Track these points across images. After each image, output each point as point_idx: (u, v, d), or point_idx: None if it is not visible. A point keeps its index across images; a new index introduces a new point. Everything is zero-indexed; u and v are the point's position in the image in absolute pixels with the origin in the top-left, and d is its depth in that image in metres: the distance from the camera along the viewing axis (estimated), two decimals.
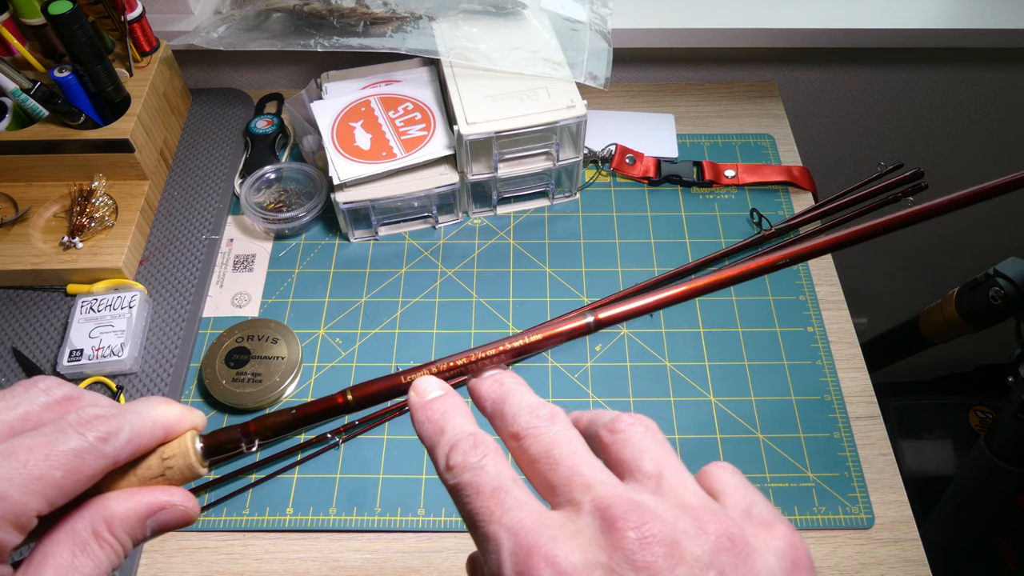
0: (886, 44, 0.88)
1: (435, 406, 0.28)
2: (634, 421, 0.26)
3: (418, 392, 0.28)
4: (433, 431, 0.27)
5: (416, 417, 0.28)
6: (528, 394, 0.27)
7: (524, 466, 0.26)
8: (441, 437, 0.26)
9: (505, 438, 0.27)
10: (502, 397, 0.27)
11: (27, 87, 0.68)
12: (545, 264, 0.76)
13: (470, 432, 0.26)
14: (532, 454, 0.25)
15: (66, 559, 0.24)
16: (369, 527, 0.61)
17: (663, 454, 0.25)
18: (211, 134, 0.86)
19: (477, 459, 0.25)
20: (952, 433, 1.30)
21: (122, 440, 0.26)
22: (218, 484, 0.63)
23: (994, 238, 1.27)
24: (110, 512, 0.25)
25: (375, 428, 0.66)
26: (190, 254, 0.76)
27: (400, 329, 0.72)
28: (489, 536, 0.23)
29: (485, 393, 0.28)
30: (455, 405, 0.28)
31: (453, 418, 0.27)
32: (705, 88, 0.93)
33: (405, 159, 0.73)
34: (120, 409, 0.27)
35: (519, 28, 0.78)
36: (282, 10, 0.78)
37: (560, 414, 0.26)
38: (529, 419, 0.26)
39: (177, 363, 0.69)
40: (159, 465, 0.27)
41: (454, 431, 0.26)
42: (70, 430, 0.25)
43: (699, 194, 0.82)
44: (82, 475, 0.25)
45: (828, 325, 0.72)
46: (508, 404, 0.27)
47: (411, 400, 0.28)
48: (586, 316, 0.30)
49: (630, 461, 0.25)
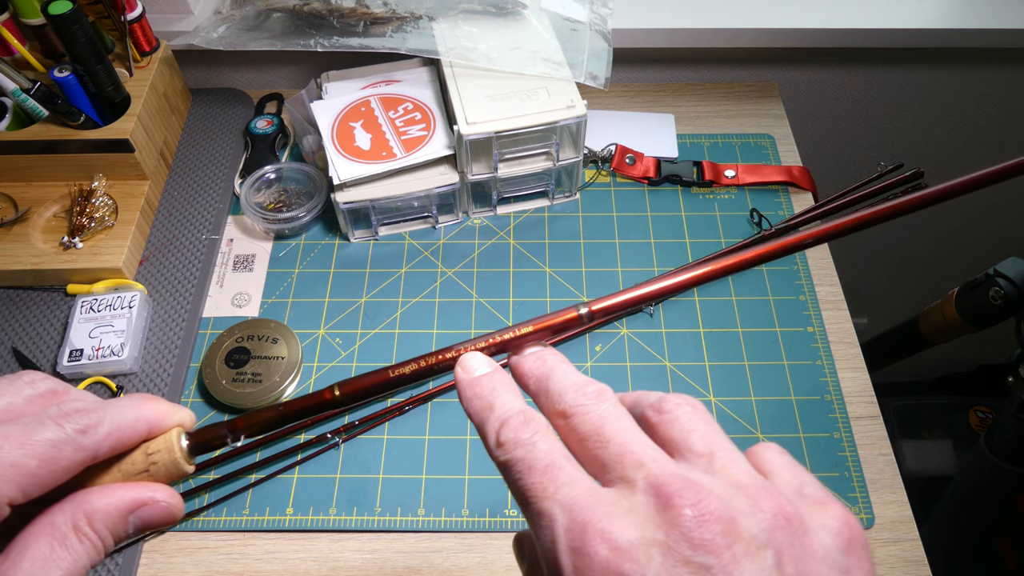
0: (886, 44, 0.88)
1: (483, 383, 0.27)
2: (681, 401, 0.26)
3: (465, 368, 0.28)
4: (482, 407, 0.26)
5: (464, 393, 0.27)
6: (572, 371, 0.27)
7: (573, 444, 0.25)
8: (491, 413, 0.26)
9: (551, 416, 0.26)
10: (546, 374, 0.27)
11: (27, 87, 0.68)
12: (545, 264, 0.76)
13: (520, 409, 0.26)
14: (581, 432, 0.25)
15: (44, 552, 0.24)
16: (369, 527, 0.61)
17: (712, 433, 0.25)
18: (211, 134, 0.86)
19: (528, 435, 0.24)
20: (952, 433, 1.30)
21: (102, 433, 0.25)
22: (218, 484, 0.63)
23: (994, 238, 1.27)
24: (91, 506, 0.25)
25: (375, 428, 0.66)
26: (190, 254, 0.76)
27: (400, 329, 0.72)
28: (543, 512, 0.23)
29: (528, 370, 0.28)
30: (503, 382, 0.27)
31: (502, 395, 0.27)
32: (705, 88, 0.93)
33: (405, 159, 0.73)
34: (103, 404, 0.26)
35: (519, 28, 0.78)
36: (282, 10, 0.78)
37: (607, 391, 0.26)
38: (576, 397, 0.25)
39: (177, 363, 0.69)
40: (143, 461, 0.27)
41: (504, 407, 0.26)
42: (48, 421, 0.25)
43: (699, 194, 0.82)
44: (58, 466, 0.24)
45: (828, 325, 0.72)
46: (553, 381, 0.27)
47: (458, 376, 0.28)
48: (580, 308, 0.30)
49: (679, 441, 0.25)
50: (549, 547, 0.22)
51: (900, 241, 1.29)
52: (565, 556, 0.21)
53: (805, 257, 0.77)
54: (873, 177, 0.75)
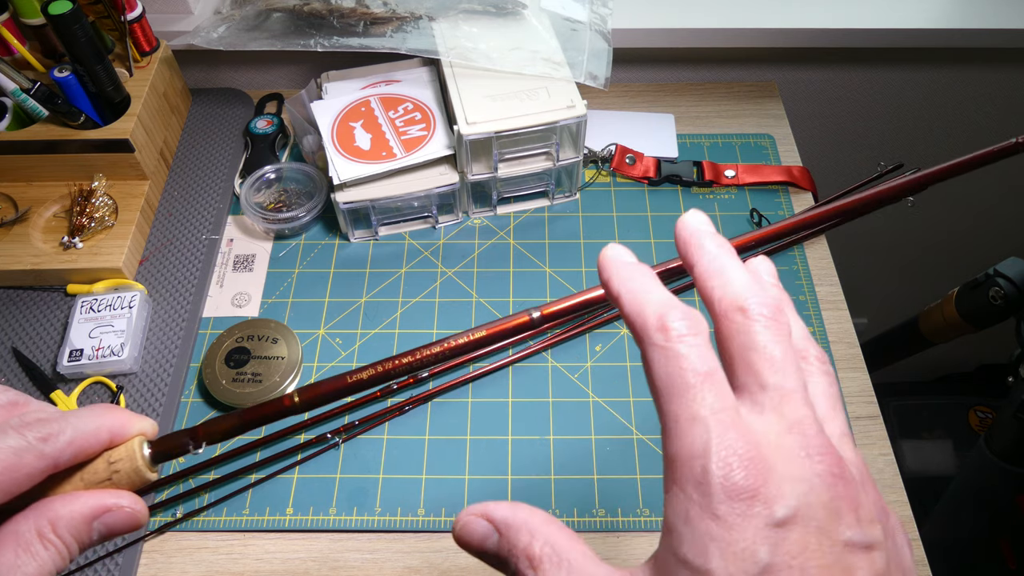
0: (886, 44, 0.88)
1: (638, 268, 0.26)
2: (822, 359, 0.27)
3: (614, 250, 0.28)
4: (640, 288, 0.25)
5: (617, 272, 0.26)
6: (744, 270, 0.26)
7: (733, 343, 0.25)
8: (650, 295, 0.25)
9: (725, 306, 0.25)
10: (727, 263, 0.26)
11: (27, 87, 0.68)
12: (545, 264, 0.76)
13: (683, 305, 0.25)
14: (756, 340, 0.24)
15: (9, 559, 0.24)
16: (369, 527, 0.61)
17: (835, 405, 0.26)
18: (211, 134, 0.86)
19: (693, 333, 0.24)
20: (952, 433, 1.30)
21: (63, 441, 0.26)
22: (218, 484, 0.63)
23: (994, 238, 1.27)
24: (54, 513, 0.26)
25: (375, 428, 0.66)
26: (190, 254, 0.76)
27: (400, 329, 0.72)
28: (699, 418, 0.23)
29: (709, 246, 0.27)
30: (655, 277, 0.26)
31: (658, 286, 0.26)
32: (705, 88, 0.93)
33: (405, 159, 0.73)
34: (65, 414, 0.27)
35: (519, 28, 0.78)
36: (282, 10, 0.78)
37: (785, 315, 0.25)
38: (761, 304, 0.25)
39: (177, 363, 0.69)
40: (106, 469, 0.28)
41: (664, 294, 0.25)
42: (10, 430, 0.25)
43: (699, 194, 0.82)
44: (20, 473, 0.25)
45: (828, 325, 0.72)
46: (735, 272, 0.26)
47: (607, 258, 0.27)
48: (532, 312, 0.31)
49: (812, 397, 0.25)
50: (699, 452, 0.22)
51: (900, 241, 1.29)
52: (717, 467, 0.22)
53: (805, 257, 0.77)
54: (873, 177, 0.75)
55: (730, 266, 0.26)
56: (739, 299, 0.25)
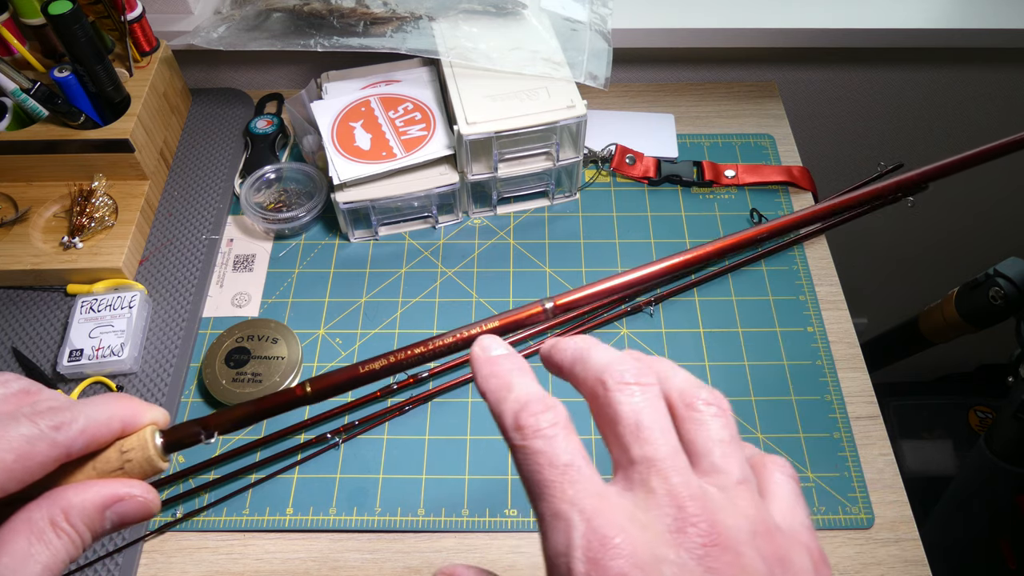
0: (886, 44, 0.88)
1: (501, 362, 0.27)
2: (712, 402, 0.26)
3: (482, 347, 0.28)
4: (499, 386, 0.26)
5: (481, 371, 0.27)
6: (614, 349, 0.27)
7: (603, 420, 0.25)
8: (509, 394, 0.25)
9: (589, 383, 0.26)
10: (588, 347, 0.27)
11: (27, 87, 0.68)
12: (545, 264, 0.76)
13: (541, 395, 0.25)
14: (618, 412, 0.24)
15: (22, 547, 0.24)
16: (369, 527, 0.61)
17: (734, 449, 0.25)
18: (211, 134, 0.86)
19: (549, 425, 0.24)
20: (952, 433, 1.30)
21: (75, 430, 0.26)
22: (218, 484, 0.63)
23: (994, 238, 1.27)
24: (68, 502, 0.26)
25: (375, 428, 0.66)
26: (190, 254, 0.76)
27: (400, 329, 0.72)
28: (559, 514, 0.23)
29: (566, 344, 0.27)
30: (522, 366, 0.27)
31: (521, 377, 0.26)
32: (705, 88, 0.93)
33: (405, 159, 0.73)
34: (77, 403, 0.27)
35: (519, 28, 0.78)
36: (282, 10, 0.78)
37: (653, 376, 0.25)
38: (622, 372, 0.25)
39: (177, 363, 0.69)
40: (118, 458, 0.28)
41: (524, 390, 0.25)
42: (23, 418, 0.25)
43: (699, 194, 0.82)
44: (33, 461, 0.25)
45: (828, 325, 0.72)
46: (595, 352, 0.26)
47: (475, 354, 0.27)
48: (544, 303, 0.30)
49: (701, 448, 0.25)
50: (562, 550, 0.22)
51: (900, 241, 1.29)
52: (580, 564, 0.22)
53: (805, 257, 0.77)
54: (873, 177, 0.75)
55: (589, 350, 0.26)
56: (598, 374, 0.25)
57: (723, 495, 0.24)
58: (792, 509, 0.25)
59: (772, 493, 0.26)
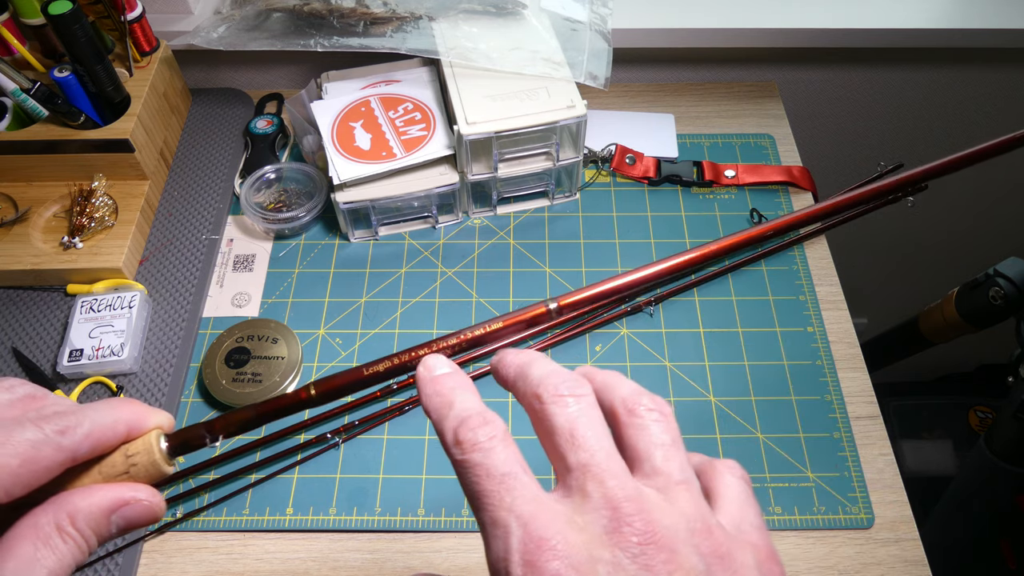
0: (886, 44, 0.88)
1: (444, 381, 0.28)
2: (653, 407, 0.26)
3: (427, 367, 0.29)
4: (441, 404, 0.27)
5: (424, 390, 0.28)
6: (553, 363, 0.27)
7: (541, 432, 0.26)
8: (450, 411, 0.26)
9: (527, 397, 0.27)
10: (528, 362, 0.28)
11: (27, 87, 0.68)
12: (545, 264, 0.76)
13: (479, 410, 0.26)
14: (553, 424, 0.25)
15: (28, 552, 0.24)
16: (369, 527, 0.61)
17: (675, 452, 0.25)
18: (211, 134, 0.86)
19: (486, 438, 0.25)
20: (952, 433, 1.30)
21: (81, 434, 0.26)
22: (218, 484, 0.63)
23: (994, 238, 1.27)
24: (74, 507, 0.26)
25: (375, 428, 0.66)
26: (190, 254, 0.76)
27: (400, 329, 0.72)
28: (498, 522, 0.23)
29: (511, 360, 0.28)
30: (464, 383, 0.28)
31: (462, 394, 0.27)
32: (705, 88, 0.93)
33: (405, 159, 0.73)
34: (82, 407, 0.27)
35: (519, 28, 0.78)
36: (282, 10, 0.78)
37: (587, 386, 0.26)
38: (556, 385, 0.26)
39: (177, 363, 0.69)
40: (123, 463, 0.28)
41: (463, 406, 0.26)
42: (28, 423, 0.25)
43: (699, 194, 0.82)
44: (39, 466, 0.25)
45: (828, 325, 0.72)
46: (535, 367, 0.27)
47: (419, 374, 0.28)
48: (549, 303, 0.30)
49: (642, 452, 0.25)
50: (501, 556, 0.23)
51: (900, 241, 1.29)
52: (517, 567, 0.22)
53: (805, 257, 0.77)
54: (873, 177, 0.75)
55: (529, 364, 0.27)
56: (535, 388, 0.26)
57: (661, 496, 0.24)
58: (741, 509, 0.26)
59: (720, 495, 0.26)
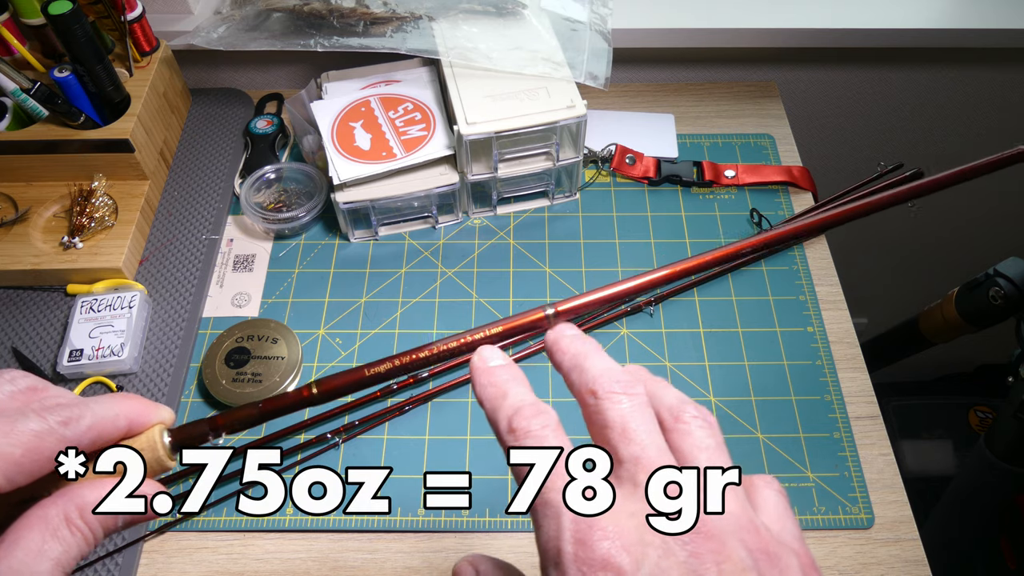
0: (886, 44, 0.88)
1: (499, 372, 0.28)
2: (698, 415, 0.27)
3: (481, 358, 0.29)
4: (496, 395, 0.28)
5: (480, 380, 0.28)
6: (608, 357, 0.28)
7: (594, 425, 0.27)
8: (504, 401, 0.27)
9: (582, 392, 0.27)
10: (583, 353, 0.28)
11: (27, 87, 0.68)
12: (545, 264, 0.76)
13: (533, 400, 0.27)
14: (607, 419, 0.26)
15: (36, 542, 0.25)
16: (369, 527, 0.61)
17: (719, 456, 0.27)
18: (211, 134, 0.86)
19: (540, 427, 0.26)
20: (952, 433, 1.30)
21: (83, 426, 0.27)
22: (218, 484, 0.63)
23: (994, 238, 1.27)
24: (82, 500, 0.26)
25: (375, 428, 0.66)
26: (190, 254, 0.76)
27: (400, 329, 0.72)
28: (549, 503, 0.24)
29: (567, 347, 0.29)
30: (517, 375, 0.28)
31: (515, 386, 0.28)
32: (705, 88, 0.93)
33: (405, 159, 0.73)
34: (84, 400, 0.28)
35: (519, 28, 0.78)
36: (282, 10, 0.78)
37: (640, 386, 0.27)
38: (611, 382, 0.27)
39: (177, 363, 0.69)
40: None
41: (517, 397, 0.27)
42: (31, 413, 0.26)
43: (699, 194, 0.82)
44: (41, 455, 0.25)
45: (828, 325, 0.72)
46: (590, 360, 0.28)
47: (475, 364, 0.29)
48: (546, 309, 0.31)
49: (687, 454, 0.26)
50: (553, 535, 0.24)
51: (900, 241, 1.29)
52: (568, 544, 0.23)
53: (805, 257, 0.77)
54: (873, 177, 0.75)
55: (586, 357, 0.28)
56: (590, 383, 0.27)
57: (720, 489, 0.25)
58: (780, 520, 0.27)
59: (760, 506, 0.27)
